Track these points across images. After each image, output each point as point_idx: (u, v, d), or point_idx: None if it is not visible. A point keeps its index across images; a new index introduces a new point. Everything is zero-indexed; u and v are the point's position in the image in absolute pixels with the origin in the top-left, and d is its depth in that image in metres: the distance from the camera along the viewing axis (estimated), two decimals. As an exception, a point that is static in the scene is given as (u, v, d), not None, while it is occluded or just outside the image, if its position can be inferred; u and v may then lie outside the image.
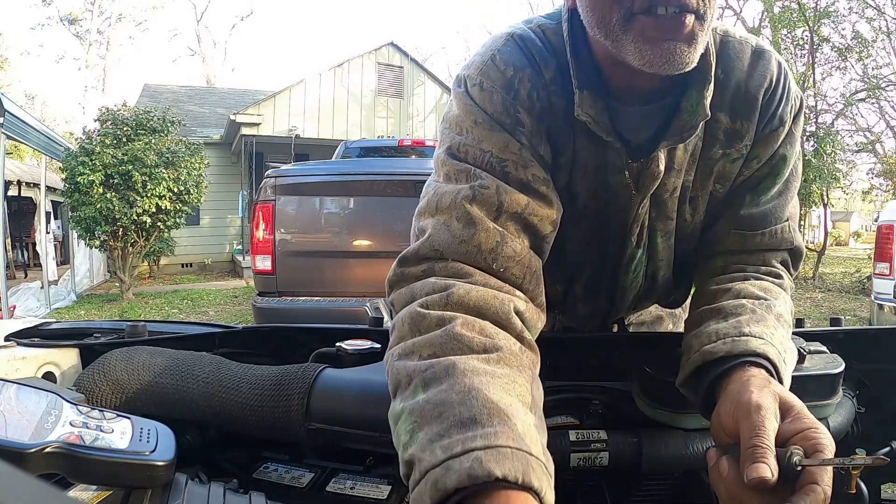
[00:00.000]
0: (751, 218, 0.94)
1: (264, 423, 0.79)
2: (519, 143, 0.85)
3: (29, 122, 8.33)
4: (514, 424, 0.58)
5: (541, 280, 0.82)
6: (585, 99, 0.85)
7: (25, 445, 0.54)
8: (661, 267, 1.03)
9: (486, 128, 0.85)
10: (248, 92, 20.67)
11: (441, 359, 0.65)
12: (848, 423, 0.92)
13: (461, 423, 0.57)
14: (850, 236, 32.94)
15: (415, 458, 0.57)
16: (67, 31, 27.20)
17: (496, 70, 0.87)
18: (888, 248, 5.58)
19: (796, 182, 0.98)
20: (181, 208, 10.07)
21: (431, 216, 0.82)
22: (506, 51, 0.88)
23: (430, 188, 0.86)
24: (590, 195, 0.94)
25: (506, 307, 0.73)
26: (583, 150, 0.91)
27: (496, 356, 0.67)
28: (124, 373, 0.83)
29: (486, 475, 0.52)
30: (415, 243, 0.81)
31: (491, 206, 0.80)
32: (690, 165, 0.93)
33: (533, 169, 0.84)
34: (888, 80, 15.84)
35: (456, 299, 0.72)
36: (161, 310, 9.21)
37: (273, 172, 4.93)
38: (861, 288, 10.66)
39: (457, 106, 0.89)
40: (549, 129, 0.89)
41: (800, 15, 13.22)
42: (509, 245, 0.78)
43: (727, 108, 0.89)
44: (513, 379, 0.65)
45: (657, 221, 0.97)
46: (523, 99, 0.86)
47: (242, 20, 48.48)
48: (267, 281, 4.77)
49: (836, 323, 1.15)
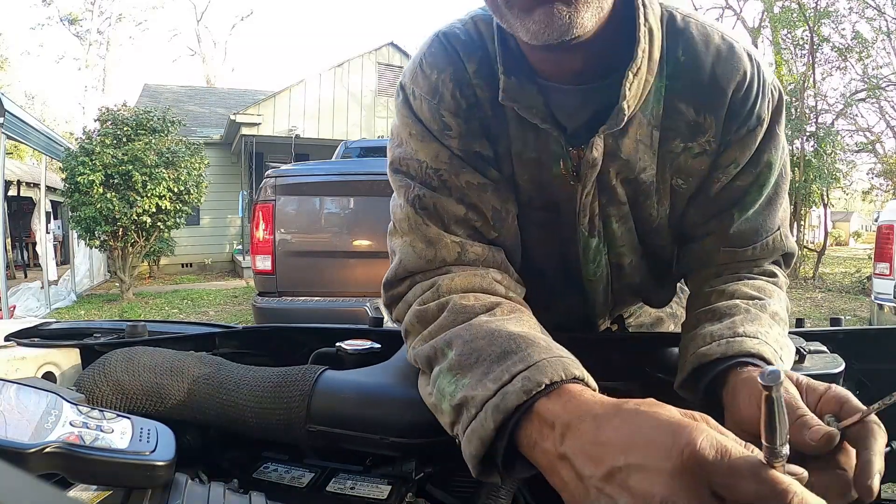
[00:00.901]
0: (740, 235, 0.92)
1: (265, 426, 0.79)
2: (449, 151, 0.87)
3: (29, 122, 8.34)
4: (539, 343, 0.65)
5: (508, 264, 0.89)
6: (512, 85, 0.83)
7: (25, 445, 0.54)
8: (625, 253, 0.99)
9: (419, 138, 0.88)
10: (248, 92, 20.69)
11: (456, 327, 0.73)
12: (848, 423, 0.92)
13: (498, 357, 0.64)
14: (850, 236, 32.97)
15: (466, 398, 0.63)
16: (67, 31, 27.25)
17: (423, 76, 0.88)
18: (888, 248, 5.58)
19: (785, 185, 0.94)
20: (181, 208, 10.08)
21: (399, 237, 0.89)
22: (430, 53, 0.89)
23: (391, 206, 0.93)
24: (533, 186, 0.92)
25: (487, 280, 0.83)
26: (517, 140, 0.89)
27: (499, 309, 0.76)
28: (125, 373, 0.83)
29: (538, 385, 0.58)
30: (391, 268, 0.89)
31: (438, 219, 0.86)
32: (651, 158, 0.88)
33: (466, 175, 0.86)
34: (888, 80, 15.84)
35: (445, 288, 0.80)
36: (161, 310, 9.21)
37: (273, 172, 4.93)
38: (861, 288, 10.66)
39: (396, 117, 0.92)
40: (481, 123, 0.88)
41: (800, 15, 13.24)
42: (470, 251, 0.85)
43: (690, 97, 0.84)
44: (520, 318, 0.75)
45: (609, 207, 0.92)
46: (448, 101, 0.86)
47: (242, 20, 48.44)
48: (267, 281, 4.77)
49: (837, 323, 1.15)
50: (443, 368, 0.69)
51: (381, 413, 0.77)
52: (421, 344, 0.76)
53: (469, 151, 0.87)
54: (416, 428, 0.75)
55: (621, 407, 0.53)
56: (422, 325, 0.79)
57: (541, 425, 0.57)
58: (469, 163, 0.87)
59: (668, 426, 0.48)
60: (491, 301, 0.78)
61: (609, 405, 0.54)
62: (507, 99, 0.84)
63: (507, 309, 0.77)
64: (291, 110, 14.19)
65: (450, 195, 0.86)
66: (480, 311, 0.75)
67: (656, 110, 0.85)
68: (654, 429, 0.48)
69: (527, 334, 0.68)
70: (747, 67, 0.83)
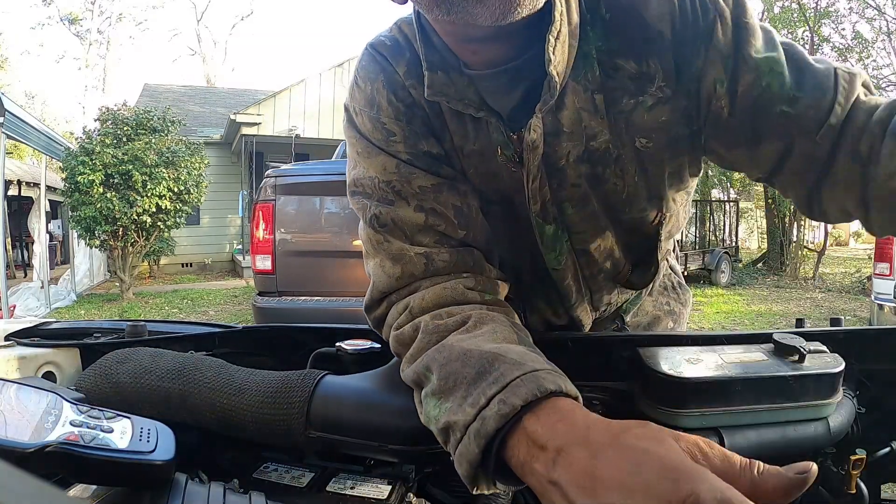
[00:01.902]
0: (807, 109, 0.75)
1: (265, 431, 0.79)
2: (396, 160, 0.86)
3: (29, 121, 8.34)
4: (511, 357, 0.64)
5: (482, 260, 0.87)
6: (439, 79, 0.82)
7: (25, 445, 0.54)
8: (588, 238, 0.95)
9: (366, 155, 0.88)
10: (248, 92, 20.69)
11: (431, 350, 0.72)
12: (848, 423, 0.92)
13: (473, 380, 0.64)
14: (850, 236, 32.94)
15: (450, 423, 0.63)
16: (68, 30, 27.23)
17: (360, 91, 0.88)
18: (888, 249, 5.58)
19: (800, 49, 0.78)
20: (181, 208, 10.09)
21: (370, 259, 0.89)
22: (362, 67, 0.89)
23: (359, 230, 0.92)
24: (482, 180, 0.90)
25: (458, 290, 0.81)
26: (458, 134, 0.88)
27: (471, 323, 0.75)
28: (125, 375, 0.83)
29: (514, 408, 0.57)
30: (367, 292, 0.89)
31: (399, 233, 0.85)
32: (600, 123, 0.83)
33: (418, 180, 0.85)
34: (888, 80, 15.83)
35: (417, 309, 0.80)
36: (161, 309, 9.21)
37: (273, 172, 4.94)
38: (861, 288, 10.67)
39: (345, 139, 0.92)
40: (423, 122, 0.87)
41: (800, 15, 13.25)
42: (437, 259, 0.84)
43: (628, 50, 0.79)
44: (493, 330, 0.72)
45: (561, 192, 0.88)
46: (385, 108, 0.86)
47: (243, 20, 48.51)
48: (267, 281, 4.78)
49: (837, 323, 1.15)
50: (427, 392, 0.69)
51: (381, 420, 0.77)
52: (407, 367, 0.76)
53: (417, 153, 0.86)
54: (417, 435, 0.74)
55: (618, 437, 0.50)
56: (403, 349, 0.78)
57: (529, 446, 0.55)
58: (419, 166, 0.86)
59: (671, 472, 0.45)
60: (463, 316, 0.76)
61: (603, 431, 0.52)
62: (434, 94, 0.82)
63: (479, 320, 0.75)
64: (292, 110, 14.17)
65: (407, 204, 0.85)
66: (453, 328, 0.74)
67: (591, 74, 0.80)
68: (655, 473, 0.45)
69: (498, 350, 0.66)
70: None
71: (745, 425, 0.81)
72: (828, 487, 0.93)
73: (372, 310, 0.89)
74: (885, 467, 0.97)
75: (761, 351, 0.92)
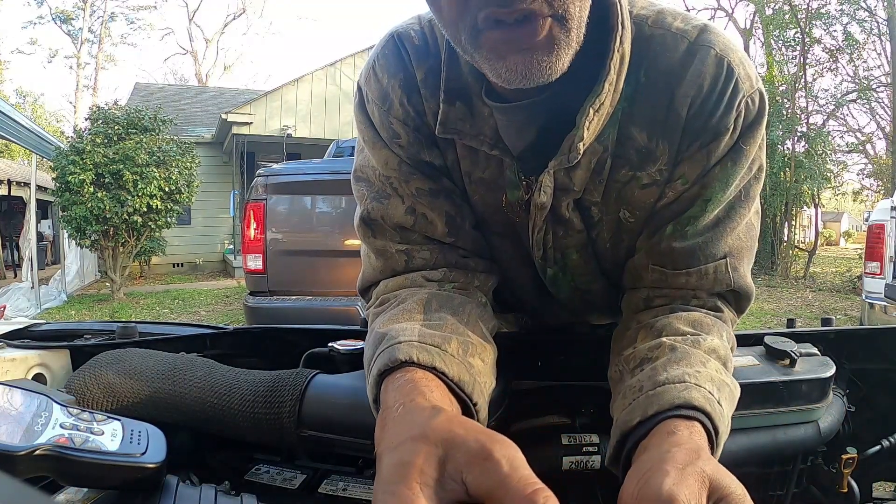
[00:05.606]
0: (672, 254, 0.79)
1: (256, 430, 0.79)
2: (398, 158, 0.85)
3: (20, 120, 8.28)
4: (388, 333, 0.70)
5: (465, 260, 0.88)
6: (454, 113, 0.79)
7: (15, 448, 0.53)
8: (589, 280, 0.93)
9: (371, 145, 0.87)
10: (239, 91, 20.63)
11: None
12: (838, 422, 0.92)
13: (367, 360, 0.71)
14: (840, 236, 33.13)
15: None
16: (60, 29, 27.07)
17: (376, 80, 0.85)
18: (879, 248, 5.61)
19: (744, 210, 0.80)
20: (172, 208, 10.02)
21: (362, 246, 0.93)
22: (384, 55, 0.85)
23: None
24: (487, 208, 0.88)
25: (416, 281, 0.85)
26: (465, 158, 0.85)
27: (385, 307, 0.81)
28: (116, 376, 0.82)
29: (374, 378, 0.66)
30: (359, 276, 0.94)
31: (385, 231, 0.87)
32: (597, 185, 0.80)
33: (416, 182, 0.85)
34: (879, 81, 15.93)
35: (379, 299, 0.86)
36: (152, 310, 9.17)
37: (264, 171, 4.92)
38: (852, 287, 10.73)
39: (355, 119, 0.91)
40: (429, 133, 0.85)
41: (791, 16, 13.30)
42: (417, 257, 0.86)
43: (645, 122, 0.76)
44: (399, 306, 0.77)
45: (565, 239, 0.86)
46: (396, 109, 0.84)
47: (235, 18, 48.20)
48: (258, 280, 4.76)
49: (828, 323, 1.16)
50: None
51: (373, 418, 0.77)
52: None
53: (418, 161, 0.86)
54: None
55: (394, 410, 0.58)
56: None
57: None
58: (419, 170, 0.86)
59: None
60: (383, 301, 0.83)
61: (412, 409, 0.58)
62: (446, 132, 0.80)
63: (388, 305, 0.81)
64: (283, 109, 14.12)
65: (402, 203, 0.86)
66: (378, 312, 0.81)
67: (612, 136, 0.77)
68: None
69: (381, 330, 0.72)
70: (708, 80, 0.73)
71: (736, 429, 0.81)
72: (819, 486, 0.93)
73: (363, 295, 0.95)
74: (876, 465, 0.97)
75: (752, 355, 0.93)
